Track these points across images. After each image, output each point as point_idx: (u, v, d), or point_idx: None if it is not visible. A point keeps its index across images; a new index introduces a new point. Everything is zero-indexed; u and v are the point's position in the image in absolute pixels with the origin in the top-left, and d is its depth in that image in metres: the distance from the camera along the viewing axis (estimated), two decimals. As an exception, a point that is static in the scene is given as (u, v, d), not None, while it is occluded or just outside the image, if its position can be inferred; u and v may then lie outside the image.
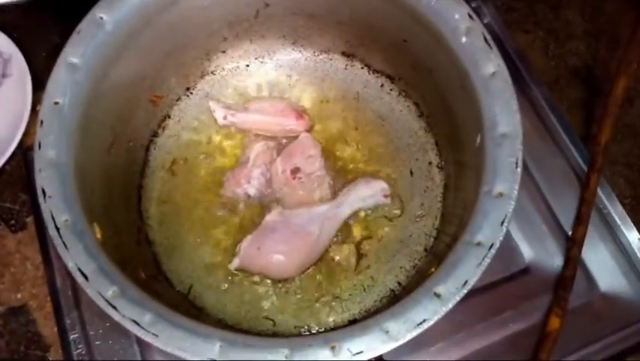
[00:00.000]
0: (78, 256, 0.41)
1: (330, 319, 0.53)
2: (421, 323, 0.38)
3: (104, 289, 0.40)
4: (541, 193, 0.60)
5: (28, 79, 0.62)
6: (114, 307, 0.39)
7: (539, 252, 0.57)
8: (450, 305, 0.39)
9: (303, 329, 0.53)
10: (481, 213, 0.42)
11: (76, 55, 0.47)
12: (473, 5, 0.65)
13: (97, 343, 0.53)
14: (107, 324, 0.53)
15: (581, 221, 0.57)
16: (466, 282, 0.39)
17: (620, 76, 0.60)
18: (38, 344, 0.56)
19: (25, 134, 0.60)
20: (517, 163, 0.43)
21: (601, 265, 0.57)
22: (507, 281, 0.56)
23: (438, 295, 0.39)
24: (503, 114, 0.44)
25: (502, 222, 0.41)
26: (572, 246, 0.56)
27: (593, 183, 0.58)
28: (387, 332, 0.38)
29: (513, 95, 0.45)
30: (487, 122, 0.45)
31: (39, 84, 0.62)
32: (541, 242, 0.58)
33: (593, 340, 0.55)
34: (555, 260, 0.57)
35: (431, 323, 0.39)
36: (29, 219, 0.60)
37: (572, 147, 0.61)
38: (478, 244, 0.41)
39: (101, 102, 0.49)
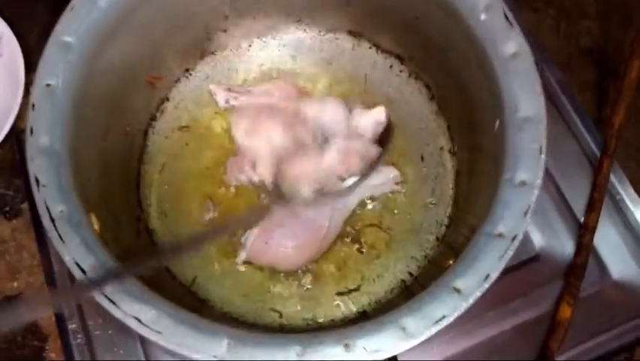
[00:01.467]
0: (75, 250, 0.38)
1: (339, 311, 0.51)
2: (440, 320, 0.36)
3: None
4: (552, 178, 0.58)
5: (20, 59, 0.59)
6: (115, 304, 0.37)
7: (550, 239, 0.56)
8: (471, 301, 0.37)
9: (311, 322, 0.51)
10: (502, 203, 0.40)
11: (69, 33, 0.44)
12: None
13: (96, 333, 0.52)
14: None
15: (593, 207, 0.56)
16: (487, 276, 0.37)
17: (635, 57, 0.59)
18: (36, 333, 0.54)
19: (18, 117, 0.57)
20: (541, 149, 0.41)
21: (613, 252, 0.56)
22: (517, 269, 0.55)
23: (457, 290, 0.37)
24: (525, 97, 0.42)
25: (526, 213, 0.39)
26: (584, 232, 0.55)
27: (606, 167, 0.57)
28: (403, 328, 0.36)
29: (536, 77, 0.42)
30: (508, 106, 0.42)
31: (31, 64, 0.58)
32: (552, 229, 0.57)
33: (604, 329, 0.54)
34: (566, 247, 0.56)
35: (451, 319, 0.37)
36: (24, 206, 0.58)
37: (584, 130, 0.60)
38: (500, 235, 0.39)
39: (96, 84, 0.46)
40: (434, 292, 0.38)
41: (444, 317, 0.37)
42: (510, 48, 0.43)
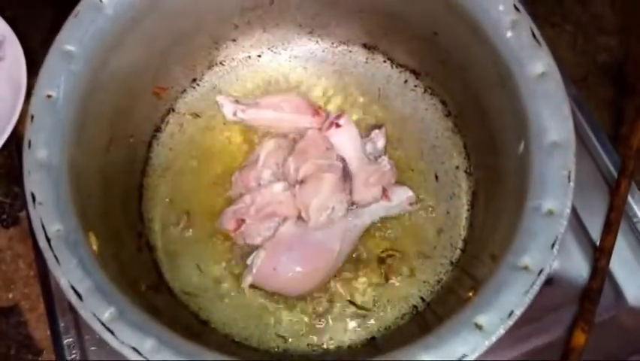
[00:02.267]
0: (71, 272, 0.36)
1: (347, 336, 0.49)
2: (459, 360, 0.34)
3: (100, 311, 0.35)
4: (567, 198, 0.56)
5: (22, 62, 0.58)
6: (111, 332, 0.35)
7: (564, 262, 0.54)
8: (493, 339, 0.35)
9: (316, 348, 0.49)
10: (527, 233, 0.38)
11: (72, 41, 0.42)
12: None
13: (92, 348, 0.50)
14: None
15: (609, 229, 0.54)
16: (511, 312, 0.35)
17: None
18: (30, 347, 0.53)
19: (19, 122, 0.56)
20: (569, 177, 0.38)
21: (630, 276, 0.54)
22: None
23: (479, 327, 0.35)
24: (553, 120, 0.40)
25: (553, 245, 0.37)
26: (600, 256, 0.53)
27: (624, 188, 0.55)
28: (419, 368, 0.34)
29: (565, 99, 0.40)
30: (534, 129, 0.40)
31: (34, 68, 0.58)
32: (567, 251, 0.55)
33: (619, 356, 0.52)
34: (581, 271, 0.54)
35: (471, 358, 0.34)
36: (22, 214, 0.57)
37: (601, 150, 0.58)
38: (525, 268, 0.37)
39: (99, 94, 0.45)
40: (453, 327, 0.36)
41: (464, 355, 0.34)
42: (537, 68, 0.41)
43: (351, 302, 0.50)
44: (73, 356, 0.49)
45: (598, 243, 0.54)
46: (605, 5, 0.76)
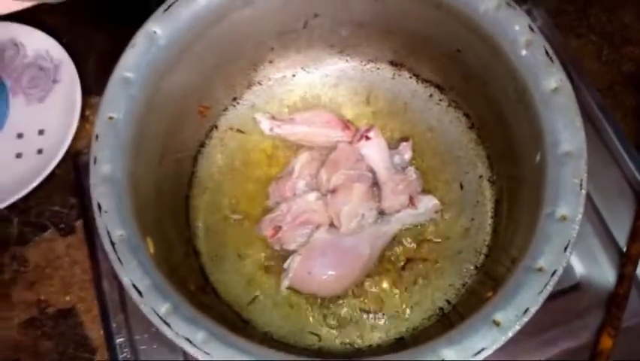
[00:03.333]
0: (133, 272, 0.41)
1: (377, 335, 0.52)
2: (479, 352, 0.37)
3: (158, 306, 0.40)
4: (594, 206, 0.57)
5: (78, 85, 0.63)
6: (168, 325, 0.39)
7: (591, 267, 0.56)
8: (510, 334, 0.37)
9: (349, 346, 0.52)
10: (542, 237, 0.40)
11: (130, 69, 0.47)
12: (524, 8, 0.63)
13: (142, 347, 0.54)
14: (153, 329, 0.53)
15: (636, 236, 0.55)
16: (527, 310, 0.38)
17: None
18: (86, 346, 0.57)
19: (74, 138, 0.61)
20: (581, 185, 0.41)
21: (656, 283, 0.54)
22: (557, 297, 0.54)
23: (497, 323, 0.38)
24: (566, 132, 0.43)
25: (566, 248, 0.39)
26: (627, 262, 0.55)
27: None
28: (442, 359, 0.37)
29: (577, 112, 0.43)
30: (549, 140, 0.43)
31: (87, 89, 0.63)
32: (594, 257, 0.56)
33: None
34: (608, 276, 0.55)
35: (489, 352, 0.37)
36: (78, 223, 0.61)
37: (627, 157, 0.59)
38: (540, 269, 0.39)
39: (153, 115, 0.49)
40: (474, 323, 0.39)
41: (483, 349, 0.37)
42: (551, 84, 0.44)
43: (381, 304, 0.53)
44: (125, 354, 0.54)
45: (624, 249, 0.55)
46: (631, 15, 0.76)
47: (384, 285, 0.54)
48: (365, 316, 0.53)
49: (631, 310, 0.53)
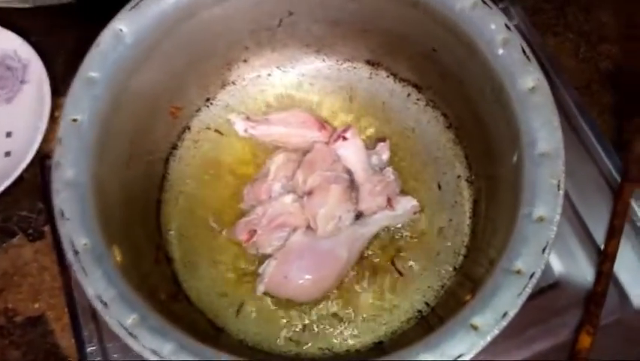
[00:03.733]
0: (97, 283, 0.39)
1: (355, 340, 0.51)
2: (457, 358, 0.36)
3: (124, 318, 0.38)
4: (572, 203, 0.57)
5: (47, 85, 0.61)
6: (134, 337, 0.37)
7: (569, 265, 0.55)
8: (488, 338, 0.37)
9: (327, 351, 0.51)
10: (520, 239, 0.40)
11: (95, 69, 0.45)
12: (501, 7, 0.62)
13: (115, 356, 0.52)
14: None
15: (613, 233, 0.55)
16: (505, 313, 0.37)
17: None
18: (56, 355, 0.55)
19: (43, 141, 0.59)
20: (559, 185, 0.40)
21: (634, 280, 0.55)
22: (535, 296, 0.52)
23: (475, 328, 0.37)
24: (543, 131, 0.42)
25: (544, 250, 0.39)
26: (604, 260, 0.54)
27: (627, 193, 0.56)
28: (420, 366, 0.36)
29: (554, 111, 0.42)
30: (526, 140, 0.42)
31: (57, 90, 0.61)
32: (572, 255, 0.56)
33: (624, 358, 0.52)
34: (586, 274, 0.55)
35: (468, 357, 0.36)
36: (46, 228, 0.59)
37: (604, 155, 0.59)
38: (518, 272, 0.39)
39: (120, 116, 0.48)
40: (451, 328, 0.38)
41: (461, 354, 0.36)
42: (528, 83, 0.43)
43: (359, 308, 0.52)
44: (96, 363, 0.51)
45: (602, 247, 0.55)
46: (608, 13, 0.77)
47: (362, 288, 0.53)
48: (343, 320, 0.52)
49: (609, 307, 0.53)
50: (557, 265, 0.55)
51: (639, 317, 0.54)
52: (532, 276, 0.38)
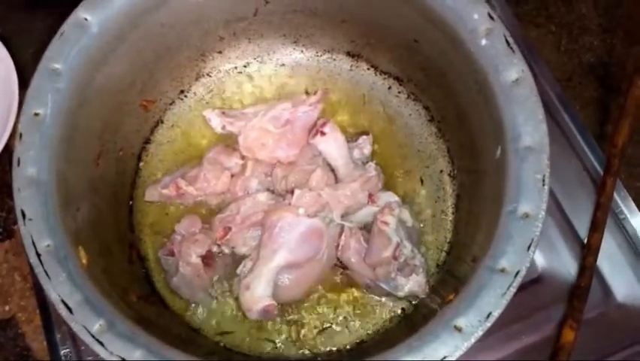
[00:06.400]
0: (61, 286, 0.37)
1: (336, 340, 0.50)
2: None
3: (90, 323, 0.36)
4: (555, 197, 0.57)
5: (14, 77, 0.58)
6: (101, 343, 0.35)
7: (552, 260, 0.55)
8: (472, 340, 0.35)
9: (306, 351, 0.49)
10: (504, 236, 0.39)
11: (58, 60, 0.43)
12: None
13: (89, 358, 0.50)
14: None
15: (596, 227, 0.55)
16: (489, 314, 0.36)
17: (639, 75, 0.57)
18: (28, 358, 0.54)
19: (12, 136, 0.56)
20: (544, 181, 0.39)
21: (617, 273, 0.55)
22: (518, 291, 0.51)
23: (459, 329, 0.36)
24: (528, 125, 0.41)
25: (529, 247, 0.38)
26: (587, 253, 0.54)
27: (610, 187, 0.56)
28: (403, 370, 0.35)
29: (538, 104, 0.41)
30: (509, 133, 0.41)
31: (25, 82, 0.57)
32: (555, 249, 0.55)
33: (608, 353, 0.52)
34: (569, 269, 0.55)
35: (452, 359, 0.35)
36: (17, 227, 0.56)
37: (587, 149, 0.59)
38: (502, 270, 0.38)
39: (86, 110, 0.45)
40: (434, 330, 0.36)
41: (445, 357, 0.35)
42: (512, 75, 0.42)
43: (340, 307, 0.50)
44: (70, 365, 0.49)
45: (585, 240, 0.55)
46: (589, 5, 0.77)
47: (343, 287, 0.51)
48: (324, 320, 0.50)
49: (593, 301, 0.53)
50: (540, 260, 0.55)
51: (623, 311, 0.54)
52: (516, 275, 0.37)
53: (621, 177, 0.57)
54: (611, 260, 0.55)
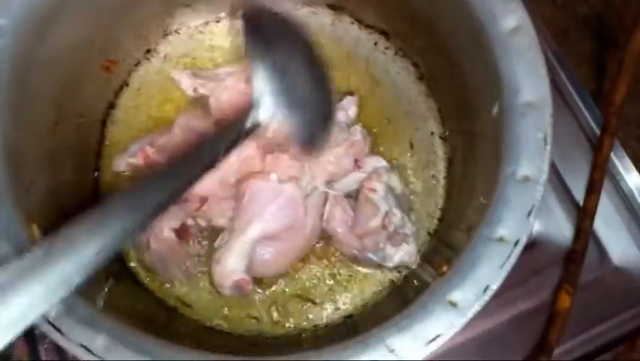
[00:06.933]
0: (11, 269, 0.33)
1: (323, 314, 0.48)
2: (433, 340, 0.32)
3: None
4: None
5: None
6: (58, 330, 0.32)
7: (548, 223, 0.54)
8: (469, 316, 0.33)
9: (292, 327, 0.47)
10: (502, 202, 0.35)
11: (1, 15, 0.38)
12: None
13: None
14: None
15: (592, 189, 0.54)
16: (487, 287, 0.33)
17: (638, 28, 0.55)
18: (6, 357, 0.50)
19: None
20: (546, 140, 0.36)
21: (614, 236, 0.54)
22: None
23: (454, 304, 0.33)
24: (528, 78, 0.37)
25: (529, 214, 0.34)
26: (583, 216, 0.53)
27: (607, 147, 0.54)
28: (392, 350, 0.32)
29: (539, 55, 0.38)
30: (508, 88, 0.38)
31: None
32: (550, 212, 0.54)
33: (605, 317, 0.52)
34: (565, 232, 0.54)
35: (446, 338, 0.32)
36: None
37: (583, 107, 0.57)
38: (500, 239, 0.35)
39: (37, 73, 0.41)
40: (427, 305, 0.34)
41: (438, 336, 0.32)
42: (510, 22, 0.38)
43: (326, 280, 0.48)
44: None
45: (581, 203, 0.54)
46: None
47: (329, 259, 0.49)
48: (309, 294, 0.48)
49: (588, 265, 0.52)
50: (535, 224, 0.53)
51: (619, 275, 0.53)
52: (516, 244, 0.34)
53: (619, 137, 0.55)
54: (607, 223, 0.54)
